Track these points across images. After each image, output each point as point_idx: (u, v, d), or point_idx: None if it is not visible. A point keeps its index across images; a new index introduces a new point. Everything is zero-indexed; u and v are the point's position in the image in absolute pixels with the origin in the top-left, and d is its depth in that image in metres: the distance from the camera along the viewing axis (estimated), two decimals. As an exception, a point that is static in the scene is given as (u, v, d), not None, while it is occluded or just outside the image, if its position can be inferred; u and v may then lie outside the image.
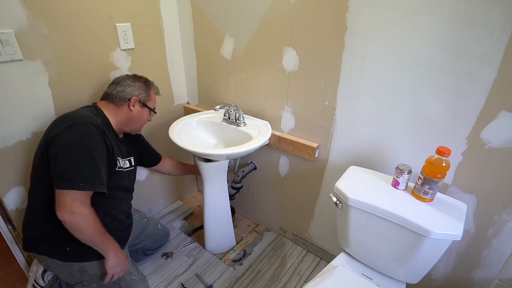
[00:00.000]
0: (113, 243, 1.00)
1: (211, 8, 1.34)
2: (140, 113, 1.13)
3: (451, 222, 0.83)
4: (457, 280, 1.09)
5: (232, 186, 1.54)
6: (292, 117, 1.28)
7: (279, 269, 1.44)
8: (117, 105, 1.08)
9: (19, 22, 0.98)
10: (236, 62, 1.36)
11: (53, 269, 1.02)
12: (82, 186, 0.88)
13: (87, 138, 0.92)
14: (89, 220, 0.91)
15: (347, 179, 1.01)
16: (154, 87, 1.19)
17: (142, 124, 1.17)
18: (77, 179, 0.87)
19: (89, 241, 0.94)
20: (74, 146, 0.90)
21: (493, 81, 0.79)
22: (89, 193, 0.91)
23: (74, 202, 0.87)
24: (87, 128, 0.93)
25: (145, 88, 1.14)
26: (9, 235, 1.18)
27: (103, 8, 1.18)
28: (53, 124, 0.98)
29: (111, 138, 1.03)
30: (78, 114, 0.98)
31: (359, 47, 0.98)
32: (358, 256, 1.06)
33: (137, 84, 1.11)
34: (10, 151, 1.08)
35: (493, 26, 0.74)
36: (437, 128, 0.93)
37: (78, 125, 0.92)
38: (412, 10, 0.84)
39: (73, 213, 0.87)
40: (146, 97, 1.14)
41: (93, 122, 0.95)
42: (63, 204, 0.86)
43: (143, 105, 1.13)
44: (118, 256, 1.00)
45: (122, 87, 1.09)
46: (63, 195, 0.87)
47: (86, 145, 0.91)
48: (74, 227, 0.89)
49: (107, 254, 0.98)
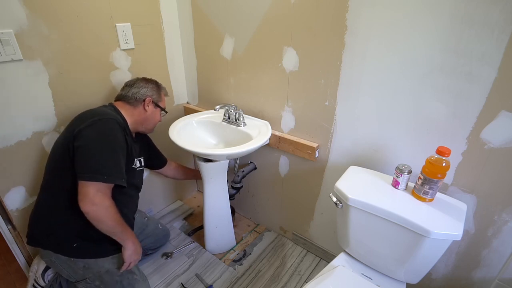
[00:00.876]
0: (131, 232, 1.05)
1: (211, 8, 1.34)
2: (153, 113, 1.19)
3: (451, 222, 0.83)
4: (457, 280, 1.09)
5: (232, 186, 1.54)
6: (292, 117, 1.28)
7: (279, 269, 1.44)
8: (133, 106, 1.14)
9: (19, 22, 0.98)
10: (236, 62, 1.36)
11: (56, 265, 1.03)
12: (106, 179, 0.92)
13: (111, 133, 0.97)
14: (111, 212, 0.94)
15: (347, 179, 1.01)
16: (163, 88, 1.26)
17: (155, 124, 1.23)
18: (102, 172, 0.91)
19: (110, 231, 0.97)
20: (100, 140, 0.94)
21: (493, 81, 0.79)
22: (111, 186, 0.95)
23: (98, 193, 0.90)
24: (112, 125, 0.98)
25: (157, 89, 1.20)
26: (9, 235, 1.18)
27: (103, 8, 1.18)
28: (77, 118, 1.01)
29: (129, 136, 1.08)
30: (102, 111, 1.04)
31: (359, 47, 0.98)
32: (358, 256, 1.06)
33: (150, 86, 1.18)
34: (10, 151, 1.08)
35: (493, 26, 0.74)
36: (437, 128, 0.93)
37: (104, 121, 0.97)
38: (412, 10, 0.84)
39: (95, 204, 0.90)
40: (158, 98, 1.20)
41: (117, 119, 1.01)
42: (86, 195, 0.89)
43: (156, 105, 1.19)
44: (136, 244, 1.05)
45: (137, 88, 1.14)
46: (87, 186, 0.90)
47: (111, 140, 0.96)
48: (97, 218, 0.92)
49: (126, 243, 1.02)
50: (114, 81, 1.31)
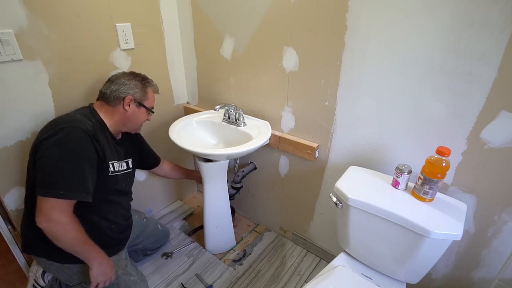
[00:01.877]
0: (96, 252, 0.97)
1: (211, 8, 1.34)
2: (136, 113, 1.08)
3: (451, 222, 0.83)
4: (457, 280, 1.09)
5: (232, 186, 1.54)
6: (292, 117, 1.28)
7: (279, 269, 1.44)
8: (112, 106, 1.04)
9: (19, 22, 0.98)
10: (236, 62, 1.36)
11: (52, 270, 1.02)
12: (62, 194, 0.84)
13: (73, 144, 0.89)
14: (69, 229, 0.87)
15: (347, 179, 1.01)
16: (152, 85, 1.13)
17: (139, 124, 1.13)
18: (57, 187, 0.84)
19: (70, 250, 0.91)
20: (59, 151, 0.87)
21: (493, 81, 0.79)
22: (71, 201, 0.88)
23: (53, 210, 0.84)
24: (75, 134, 0.90)
25: (141, 86, 1.08)
26: (9, 235, 1.18)
27: (103, 8, 1.18)
28: (44, 128, 0.95)
29: (104, 142, 0.99)
30: (69, 118, 0.96)
31: (359, 47, 0.98)
32: (358, 256, 1.06)
33: (133, 83, 1.06)
34: (10, 151, 1.08)
35: (493, 26, 0.74)
36: (437, 128, 0.93)
37: (66, 130, 0.89)
38: (412, 10, 0.84)
39: (50, 221, 0.84)
40: (142, 96, 1.08)
41: (83, 127, 0.92)
42: (41, 211, 0.84)
43: (139, 104, 1.08)
44: (103, 265, 0.98)
45: (117, 86, 1.04)
46: (42, 202, 0.84)
47: (72, 152, 0.88)
48: (53, 235, 0.86)
49: (90, 263, 0.95)
50: (113, 80, 1.31)
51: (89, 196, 0.91)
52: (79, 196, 0.88)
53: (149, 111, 1.13)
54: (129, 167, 1.15)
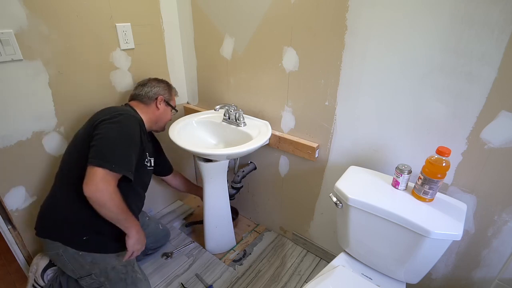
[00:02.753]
0: (134, 221, 1.05)
1: (211, 8, 1.34)
2: (165, 111, 1.25)
3: (451, 222, 0.83)
4: (457, 280, 1.09)
5: (232, 186, 1.54)
6: (292, 117, 1.28)
7: (279, 269, 1.44)
8: (146, 104, 1.20)
9: (19, 22, 0.98)
10: (236, 62, 1.36)
11: (63, 259, 1.03)
12: (114, 168, 0.93)
13: (130, 129, 1.02)
14: (114, 198, 0.95)
15: (347, 179, 1.01)
16: (174, 88, 1.32)
17: (166, 122, 1.29)
18: (112, 160, 0.93)
19: (113, 218, 0.98)
20: (118, 132, 0.99)
21: (493, 81, 0.79)
22: (118, 176, 0.96)
23: (103, 180, 0.92)
24: (132, 121, 1.05)
25: (168, 89, 1.27)
26: (9, 235, 1.18)
27: (103, 8, 1.18)
28: (99, 112, 1.06)
29: (145, 135, 1.12)
30: (123, 108, 1.10)
31: (359, 47, 0.98)
32: (358, 256, 1.06)
33: (162, 85, 1.25)
34: (10, 151, 1.08)
35: (493, 26, 0.74)
36: (437, 128, 0.93)
37: (126, 116, 1.04)
38: (412, 10, 0.84)
39: (99, 190, 0.91)
40: (169, 97, 1.27)
41: (137, 116, 1.11)
42: (91, 179, 0.91)
43: (167, 104, 1.25)
44: (140, 233, 1.06)
45: (149, 88, 1.21)
46: (94, 171, 0.91)
47: (127, 134, 1.01)
48: (100, 202, 0.92)
49: (129, 230, 1.03)
50: (114, 81, 1.31)
51: (132, 175, 1.00)
52: (126, 172, 0.97)
53: (173, 109, 1.31)
54: (152, 165, 1.24)
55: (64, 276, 1.14)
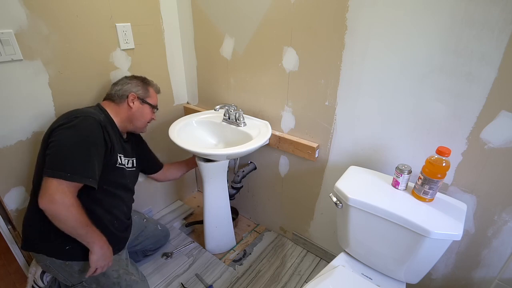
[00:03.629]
0: (98, 235, 0.96)
1: (211, 8, 1.34)
2: (140, 109, 1.14)
3: (451, 222, 0.83)
4: (457, 280, 1.09)
5: (232, 186, 1.54)
6: (292, 117, 1.28)
7: (279, 269, 1.44)
8: (117, 104, 1.11)
9: (19, 22, 0.98)
10: (236, 62, 1.36)
11: (52, 269, 1.01)
12: (69, 177, 0.86)
13: (85, 130, 0.93)
14: (72, 211, 0.87)
15: (347, 179, 1.01)
16: (153, 84, 1.21)
17: (145, 121, 1.18)
18: (65, 169, 0.86)
19: (72, 232, 0.90)
20: (71, 136, 0.91)
21: (493, 81, 0.79)
22: (76, 184, 0.89)
23: (58, 191, 0.85)
24: (88, 121, 0.95)
25: (143, 84, 1.16)
26: (9, 235, 1.18)
27: (103, 8, 1.18)
28: (58, 118, 1.00)
29: (113, 135, 1.04)
30: (84, 110, 1.02)
31: (359, 47, 0.98)
32: (358, 256, 1.06)
33: (134, 82, 1.14)
34: (10, 151, 1.08)
35: (493, 26, 0.74)
36: (437, 128, 0.93)
37: (80, 118, 0.94)
38: (412, 10, 0.84)
39: (54, 202, 0.84)
40: (145, 94, 1.16)
41: (95, 117, 0.97)
42: (45, 191, 0.84)
43: (142, 101, 1.15)
44: (104, 249, 0.97)
45: (120, 86, 1.12)
46: (47, 183, 0.85)
47: (83, 137, 0.92)
48: (55, 216, 0.86)
49: (91, 246, 0.95)
50: (114, 81, 1.31)
51: (94, 182, 0.92)
52: (85, 180, 0.89)
53: (152, 107, 1.19)
54: (134, 165, 1.19)
55: None
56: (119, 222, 1.11)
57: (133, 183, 1.21)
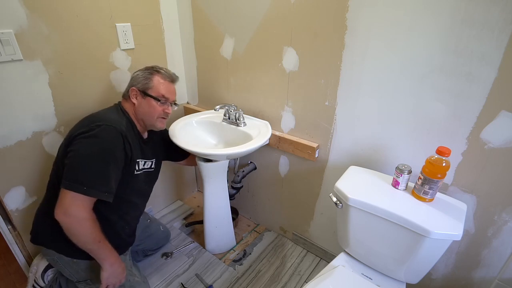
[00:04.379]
0: (110, 252, 0.95)
1: (211, 8, 1.34)
2: (143, 104, 1.03)
3: (451, 222, 0.83)
4: (457, 280, 1.09)
5: (232, 186, 1.54)
6: (292, 117, 1.28)
7: (279, 269, 1.44)
8: (126, 100, 1.06)
9: (19, 22, 0.98)
10: (236, 62, 1.36)
11: (59, 264, 1.01)
12: (85, 190, 0.85)
13: (105, 142, 0.89)
14: (85, 226, 0.87)
15: (347, 179, 1.01)
16: (161, 72, 1.06)
17: (153, 117, 1.05)
18: (82, 182, 0.85)
19: (83, 247, 0.90)
20: (90, 148, 0.87)
21: (493, 81, 0.79)
22: (92, 199, 0.88)
23: (73, 204, 0.84)
24: (109, 133, 0.90)
25: (146, 75, 1.03)
26: (9, 235, 1.18)
27: (103, 8, 1.18)
28: (78, 123, 0.97)
29: (133, 142, 1.00)
30: (105, 116, 0.97)
31: (359, 47, 0.98)
32: (358, 256, 1.06)
33: (138, 73, 1.05)
34: (10, 151, 1.07)
35: (493, 26, 0.74)
36: (437, 128, 0.93)
37: (102, 127, 0.90)
38: (412, 10, 0.84)
39: (68, 215, 0.84)
40: (145, 85, 1.02)
41: (117, 127, 0.92)
42: (61, 203, 0.84)
43: (144, 94, 1.02)
44: (114, 267, 0.95)
45: (130, 81, 1.07)
46: (63, 194, 0.84)
47: (103, 150, 0.88)
48: (68, 229, 0.86)
49: (102, 263, 0.93)
50: (114, 81, 1.31)
51: (110, 196, 0.90)
52: (101, 195, 0.88)
53: (156, 100, 1.03)
54: (152, 167, 1.15)
55: (63, 277, 1.14)
56: (130, 227, 1.12)
57: (150, 185, 1.20)
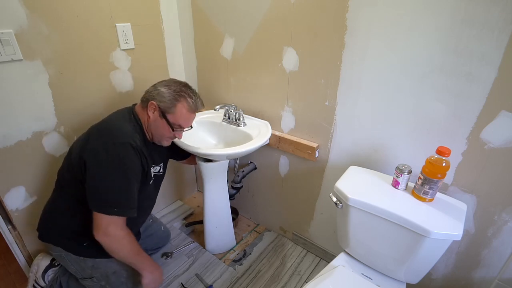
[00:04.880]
0: (148, 261, 1.03)
1: (211, 8, 1.34)
2: (157, 122, 1.00)
3: (451, 222, 0.83)
4: (457, 280, 1.09)
5: (232, 186, 1.54)
6: (292, 117, 1.28)
7: (279, 269, 1.44)
8: (143, 107, 1.02)
9: (19, 22, 0.98)
10: (236, 62, 1.36)
11: (65, 261, 1.04)
12: (116, 212, 0.91)
13: (124, 161, 0.91)
14: (124, 243, 0.95)
15: (347, 179, 1.01)
16: (188, 101, 1.00)
17: (161, 136, 1.04)
18: (112, 204, 0.90)
19: (124, 260, 0.98)
20: (112, 168, 0.90)
21: (493, 81, 0.79)
22: (124, 218, 0.95)
23: (110, 225, 0.91)
24: (125, 151, 0.92)
25: (172, 97, 0.98)
26: (9, 235, 1.18)
27: (103, 8, 1.18)
28: (94, 130, 0.97)
29: (146, 152, 0.99)
30: (117, 128, 0.96)
31: (359, 47, 0.98)
32: (358, 256, 1.06)
33: (165, 90, 0.98)
34: (10, 151, 1.07)
35: (493, 26, 0.74)
36: (437, 128, 0.93)
37: (117, 145, 0.91)
38: (412, 10, 0.84)
39: (108, 235, 0.91)
40: (168, 108, 0.98)
41: (131, 142, 0.93)
42: (99, 226, 0.91)
43: (162, 115, 0.99)
44: (154, 274, 1.04)
45: (152, 88, 1.01)
46: (99, 218, 0.90)
47: (124, 169, 0.91)
48: (109, 248, 0.93)
49: (143, 271, 1.02)
50: (114, 81, 1.31)
51: (135, 211, 0.97)
52: (130, 213, 0.94)
53: (170, 127, 1.01)
54: (160, 171, 1.17)
55: (64, 276, 1.15)
56: (136, 228, 1.16)
57: (158, 188, 1.22)
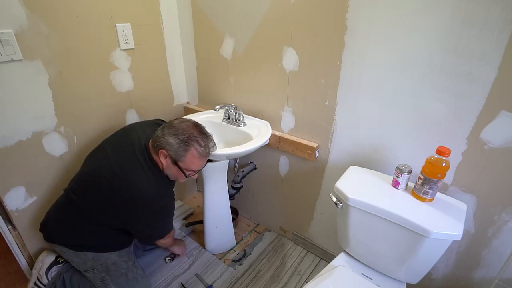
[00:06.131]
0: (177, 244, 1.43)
1: (211, 8, 1.34)
2: (171, 167, 1.03)
3: (451, 222, 0.83)
4: (457, 280, 1.09)
5: (232, 186, 1.54)
6: (292, 117, 1.28)
7: (279, 269, 1.44)
8: (156, 154, 1.02)
9: (19, 22, 0.98)
10: (236, 62, 1.36)
11: (67, 256, 1.10)
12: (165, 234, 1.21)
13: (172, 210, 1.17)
14: (167, 243, 1.31)
15: (347, 179, 1.01)
16: (197, 148, 1.00)
17: (177, 178, 1.09)
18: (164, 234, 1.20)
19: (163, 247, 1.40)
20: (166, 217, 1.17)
21: (493, 81, 0.79)
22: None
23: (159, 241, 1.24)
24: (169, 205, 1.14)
25: (182, 147, 0.99)
26: (9, 235, 1.18)
27: (103, 8, 1.18)
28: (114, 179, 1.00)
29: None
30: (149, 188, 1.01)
31: (359, 47, 0.98)
32: (358, 256, 1.06)
33: (173, 141, 0.98)
34: (10, 151, 1.07)
35: (493, 26, 0.74)
36: (437, 128, 0.93)
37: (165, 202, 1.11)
38: (412, 10, 0.84)
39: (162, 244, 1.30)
40: (178, 157, 0.99)
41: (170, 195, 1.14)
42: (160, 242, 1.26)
43: (174, 162, 1.01)
44: (181, 249, 1.45)
45: (161, 133, 1.00)
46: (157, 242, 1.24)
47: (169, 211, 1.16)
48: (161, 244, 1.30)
49: (173, 250, 1.42)
50: (114, 81, 1.31)
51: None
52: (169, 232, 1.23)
53: (183, 173, 1.04)
54: None
55: (68, 273, 1.17)
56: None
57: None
